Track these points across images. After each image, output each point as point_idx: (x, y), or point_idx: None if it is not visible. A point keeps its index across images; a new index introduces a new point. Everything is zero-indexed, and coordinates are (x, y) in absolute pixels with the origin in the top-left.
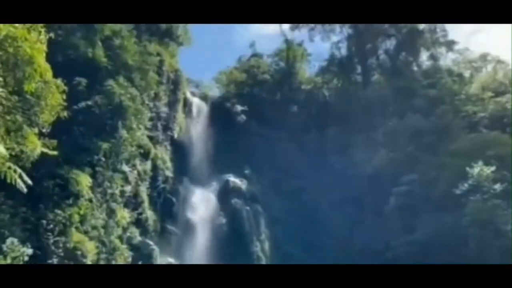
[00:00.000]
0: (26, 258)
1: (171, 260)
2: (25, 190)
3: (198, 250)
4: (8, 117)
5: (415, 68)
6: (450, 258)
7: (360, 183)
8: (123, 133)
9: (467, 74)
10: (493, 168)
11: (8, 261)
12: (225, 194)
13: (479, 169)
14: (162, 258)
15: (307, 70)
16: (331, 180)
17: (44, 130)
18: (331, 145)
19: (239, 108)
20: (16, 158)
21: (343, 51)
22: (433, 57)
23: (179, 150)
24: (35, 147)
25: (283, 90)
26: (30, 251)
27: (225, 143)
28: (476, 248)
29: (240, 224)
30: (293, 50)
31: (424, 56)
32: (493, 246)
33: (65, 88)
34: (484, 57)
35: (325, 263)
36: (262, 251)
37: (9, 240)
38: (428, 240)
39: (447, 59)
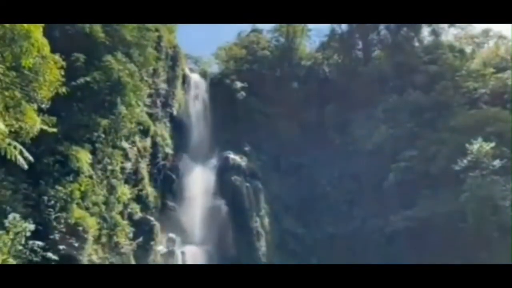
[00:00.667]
0: (28, 234)
1: (172, 236)
2: (25, 166)
3: (199, 226)
4: (6, 93)
5: (416, 44)
6: (448, 233)
7: (360, 159)
8: (122, 109)
9: (468, 49)
10: (492, 144)
11: (11, 236)
12: (225, 171)
13: (479, 145)
14: (163, 234)
15: (307, 46)
16: (330, 156)
17: (43, 106)
18: (331, 121)
19: (238, 84)
20: (15, 134)
21: (344, 27)
22: (434, 33)
23: (179, 127)
24: (34, 123)
25: (283, 66)
26: (32, 226)
27: (224, 120)
28: (474, 223)
29: (240, 200)
30: (293, 25)
31: (425, 31)
32: (491, 222)
33: (63, 63)
34: (486, 33)
35: (323, 239)
36: (261, 226)
37: (11, 216)
38: (427, 215)
39: (448, 35)
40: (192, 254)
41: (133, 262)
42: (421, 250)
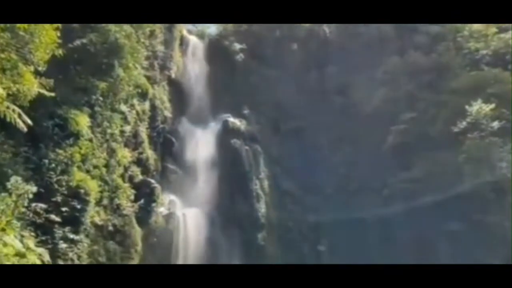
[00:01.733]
0: (30, 196)
1: (173, 198)
2: (25, 129)
3: (199, 188)
4: (2, 55)
5: None
6: (445, 195)
7: (359, 121)
8: (120, 72)
9: None
10: (492, 106)
11: (14, 198)
12: (224, 134)
13: (478, 107)
14: (164, 196)
15: None
16: (330, 119)
17: (39, 69)
18: (331, 84)
19: (237, 46)
20: (13, 97)
21: None
22: None
23: (177, 90)
24: (32, 85)
25: (282, 27)
26: (34, 188)
27: (223, 82)
28: (471, 184)
29: (239, 163)
30: None
31: None
32: (488, 183)
33: (59, 25)
34: None
35: (321, 200)
36: (261, 189)
37: (12, 178)
38: (424, 177)
39: None
40: (193, 216)
41: (135, 223)
42: (417, 212)
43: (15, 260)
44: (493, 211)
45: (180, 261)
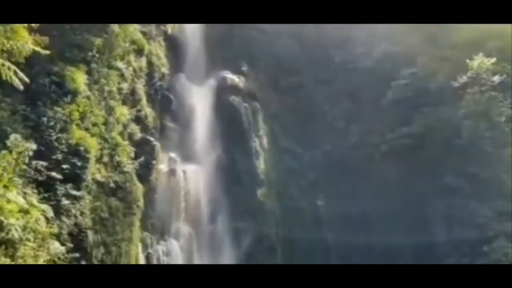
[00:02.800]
0: (30, 153)
1: (173, 155)
2: (21, 87)
3: (199, 145)
4: None
5: None
6: (443, 149)
7: (359, 77)
8: (115, 27)
9: None
10: (493, 60)
11: (14, 156)
12: (223, 91)
13: (479, 61)
14: (164, 154)
15: None
16: (329, 74)
17: (33, 25)
18: (331, 38)
19: None
20: (8, 54)
21: None
22: None
23: (174, 46)
24: (26, 41)
25: None
26: (34, 146)
27: (220, 37)
28: (469, 139)
29: (238, 120)
30: None
31: None
32: (486, 138)
33: None
34: None
35: (320, 156)
36: (260, 146)
37: (12, 136)
38: (423, 132)
39: None
40: (193, 173)
41: (136, 180)
42: (415, 166)
43: (19, 216)
44: (490, 165)
45: (181, 217)
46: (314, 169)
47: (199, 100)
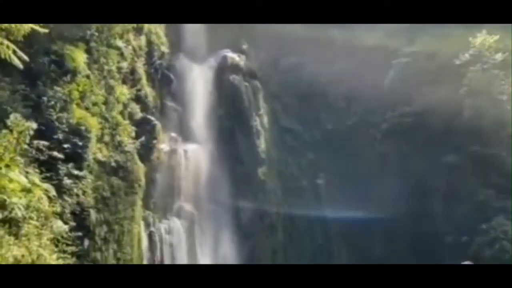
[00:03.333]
0: (31, 133)
1: (174, 135)
2: (21, 66)
3: (199, 125)
4: None
5: None
6: (444, 128)
7: (360, 56)
8: None
9: None
10: (496, 37)
11: (15, 135)
12: (223, 70)
13: (482, 38)
14: (165, 133)
15: None
16: (330, 54)
17: None
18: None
19: None
20: (6, 32)
21: None
22: None
23: (174, 25)
24: None
25: None
26: (34, 125)
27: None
28: (471, 117)
29: (239, 99)
30: None
31: None
32: (488, 116)
33: None
34: None
35: (321, 135)
36: (261, 125)
37: (12, 116)
38: (424, 111)
39: None
40: (194, 152)
41: (137, 160)
42: (416, 145)
43: (22, 195)
44: (490, 143)
45: (183, 196)
46: (314, 148)
47: (199, 79)
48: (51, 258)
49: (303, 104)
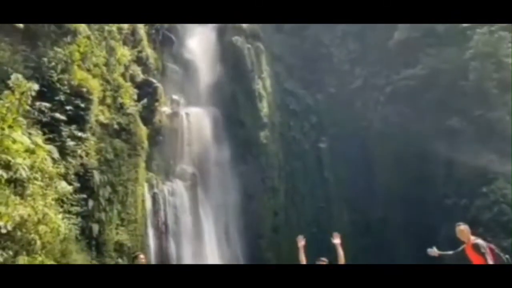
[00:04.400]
0: (33, 93)
1: (176, 97)
2: (21, 25)
3: (201, 88)
4: None
5: None
6: (448, 91)
7: None
8: None
9: None
10: None
11: (17, 96)
12: (225, 32)
13: None
14: (167, 96)
15: None
16: None
17: None
18: None
19: None
20: None
21: None
22: None
23: None
24: None
25: None
26: (36, 86)
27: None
28: (475, 80)
29: (241, 62)
30: None
31: None
32: (493, 79)
33: None
34: None
35: (324, 98)
36: (263, 88)
37: (13, 76)
38: (429, 73)
39: None
40: (196, 115)
41: (139, 122)
42: (419, 109)
43: (26, 156)
44: (495, 107)
45: (185, 159)
46: (317, 111)
47: (201, 40)
48: (57, 218)
49: (306, 67)
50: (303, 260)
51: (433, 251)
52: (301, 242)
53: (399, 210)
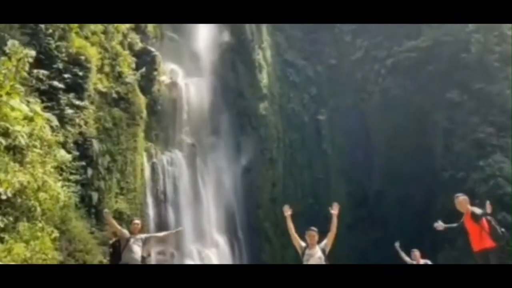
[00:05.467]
0: (30, 60)
1: (174, 67)
2: None
3: (200, 57)
4: None
5: None
6: (450, 63)
7: None
8: None
9: None
10: None
11: (14, 62)
12: None
13: None
14: (166, 65)
15: None
16: None
17: None
18: None
19: None
20: None
21: None
22: None
23: None
24: None
25: None
26: (33, 53)
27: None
28: (478, 53)
29: (241, 31)
30: None
31: None
32: (495, 52)
33: None
34: None
35: (324, 70)
36: (263, 58)
37: (10, 42)
38: (430, 46)
39: None
40: (195, 85)
41: (138, 91)
42: (420, 81)
43: (24, 123)
44: (496, 81)
45: (184, 129)
46: (317, 83)
47: None
48: (56, 185)
49: (307, 38)
50: (291, 227)
51: (440, 225)
52: (288, 212)
53: (396, 182)
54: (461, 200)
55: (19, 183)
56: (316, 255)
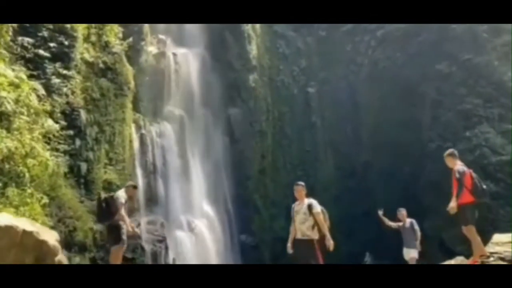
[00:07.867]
0: (14, 25)
1: (162, 37)
2: None
3: (188, 27)
4: None
5: None
6: (439, 35)
7: None
8: None
9: None
10: None
11: None
12: None
13: None
14: (153, 35)
15: None
16: None
17: None
18: None
19: None
20: None
21: None
22: None
23: None
24: None
25: None
26: None
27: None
28: (465, 25)
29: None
30: None
31: None
32: (482, 24)
33: None
34: None
35: (314, 41)
36: (252, 29)
37: None
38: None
39: None
40: (184, 56)
41: (125, 62)
42: (409, 52)
43: (10, 90)
44: (484, 52)
45: (172, 101)
46: (307, 55)
47: None
48: (44, 152)
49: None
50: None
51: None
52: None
53: (384, 154)
54: (447, 157)
55: (7, 149)
56: (301, 211)
